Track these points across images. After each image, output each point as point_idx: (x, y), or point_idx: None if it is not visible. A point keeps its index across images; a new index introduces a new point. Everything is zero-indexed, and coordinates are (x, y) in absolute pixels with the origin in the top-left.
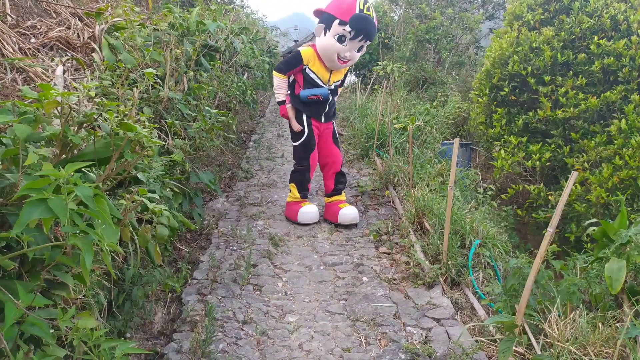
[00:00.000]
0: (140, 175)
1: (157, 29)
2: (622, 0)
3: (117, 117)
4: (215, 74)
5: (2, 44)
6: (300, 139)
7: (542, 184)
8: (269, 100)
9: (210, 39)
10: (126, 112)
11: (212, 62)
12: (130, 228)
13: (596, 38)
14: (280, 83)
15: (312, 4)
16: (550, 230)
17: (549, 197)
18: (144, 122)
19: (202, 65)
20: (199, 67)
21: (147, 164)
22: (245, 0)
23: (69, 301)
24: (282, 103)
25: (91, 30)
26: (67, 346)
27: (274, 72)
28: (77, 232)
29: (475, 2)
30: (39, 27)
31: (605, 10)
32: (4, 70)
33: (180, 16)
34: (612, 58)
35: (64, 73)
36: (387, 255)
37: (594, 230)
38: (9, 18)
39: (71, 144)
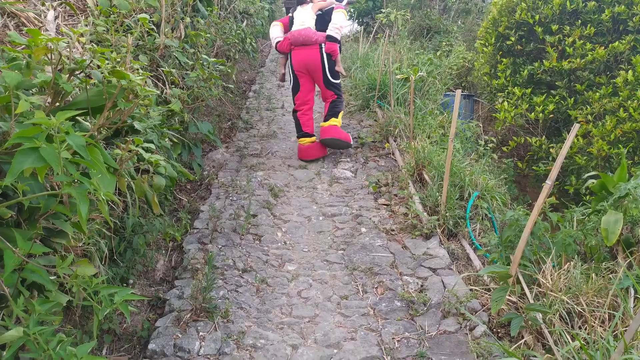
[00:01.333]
0: (137, 125)
1: None
2: None
3: (109, 64)
4: (213, 21)
5: None
6: None
7: (544, 137)
8: (270, 49)
9: None
10: (118, 59)
11: (209, 8)
12: (128, 178)
13: None
14: None
15: None
16: (548, 183)
17: (551, 150)
18: (138, 69)
19: (199, 11)
20: (196, 13)
21: (144, 113)
22: None
23: (69, 249)
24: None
25: None
26: (69, 293)
27: None
28: (74, 181)
29: None
30: None
31: None
32: None
33: None
34: (623, 6)
35: (55, 18)
36: (385, 206)
37: (593, 182)
38: None
39: (63, 92)
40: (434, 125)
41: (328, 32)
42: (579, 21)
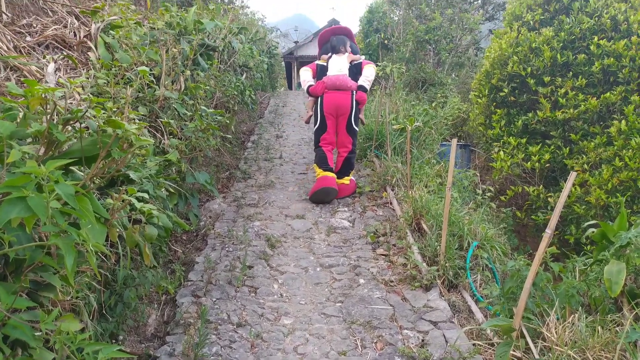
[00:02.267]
0: (132, 174)
1: (154, 28)
2: (623, 1)
3: (105, 114)
4: (213, 74)
5: None
6: None
7: (541, 186)
8: (269, 101)
9: (208, 38)
10: (114, 109)
11: (209, 62)
12: (120, 228)
13: (596, 38)
14: None
15: (313, 5)
16: (548, 232)
17: (549, 199)
18: (134, 119)
19: (200, 64)
20: (196, 66)
21: (141, 163)
22: (245, 1)
23: (56, 303)
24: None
25: (87, 29)
26: (54, 350)
27: None
28: (62, 232)
29: (475, 2)
30: (34, 25)
31: (605, 11)
32: None
33: (177, 15)
34: (612, 59)
35: (56, 71)
36: (384, 256)
37: (593, 232)
38: (4, 16)
39: (57, 142)
40: (431, 175)
41: (360, 82)
42: (570, 73)
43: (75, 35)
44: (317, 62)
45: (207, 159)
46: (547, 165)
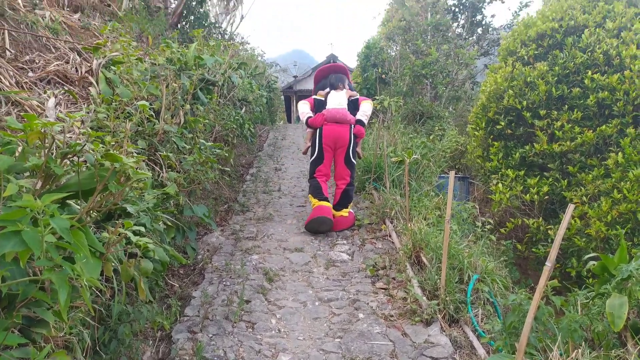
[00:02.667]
0: (129, 208)
1: (155, 64)
2: (614, 36)
3: (103, 147)
4: (212, 107)
5: None
6: None
7: (541, 218)
8: (268, 134)
9: (208, 73)
10: (112, 143)
11: (209, 96)
12: (116, 262)
13: (590, 73)
14: None
15: (312, 41)
16: (548, 265)
17: (549, 231)
18: (132, 153)
19: (199, 98)
20: (196, 100)
21: (138, 196)
22: (245, 37)
23: (49, 339)
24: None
25: (89, 65)
26: None
27: None
28: (56, 266)
29: (470, 39)
30: (37, 61)
31: (597, 46)
32: None
33: (178, 51)
34: (606, 92)
35: (56, 105)
36: (384, 290)
37: (594, 265)
38: (7, 53)
39: (55, 175)
40: (430, 207)
41: (358, 116)
42: (566, 106)
43: (77, 71)
44: (314, 96)
45: (205, 192)
46: (546, 197)
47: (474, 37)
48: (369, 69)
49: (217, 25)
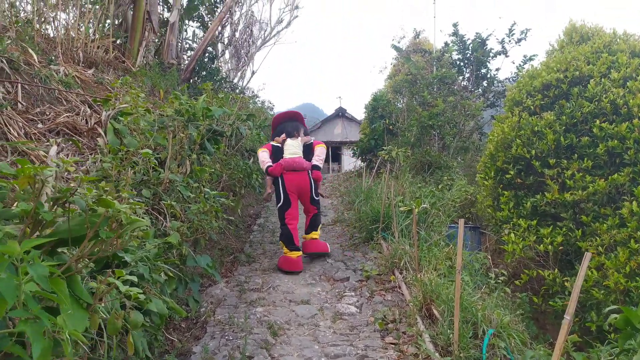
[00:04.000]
0: (127, 257)
1: (163, 115)
2: (620, 86)
3: (96, 192)
4: (219, 157)
5: (8, 128)
6: None
7: (556, 269)
8: None
9: (216, 124)
10: (106, 189)
11: (216, 146)
12: (106, 314)
13: (598, 122)
14: None
15: (321, 94)
16: (567, 318)
17: (565, 283)
18: (128, 198)
19: (207, 149)
20: (203, 150)
21: (138, 245)
22: (256, 91)
23: None
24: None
25: (98, 117)
26: None
27: None
28: (34, 317)
29: (476, 91)
30: (47, 113)
31: (604, 95)
32: (5, 153)
33: (187, 103)
34: (616, 141)
35: (58, 153)
36: (393, 345)
37: (616, 318)
38: (19, 105)
39: (44, 221)
40: (440, 257)
41: (314, 162)
42: (575, 155)
43: (87, 122)
44: (272, 142)
45: (211, 242)
46: (560, 248)
47: (480, 90)
48: (377, 121)
49: (228, 80)
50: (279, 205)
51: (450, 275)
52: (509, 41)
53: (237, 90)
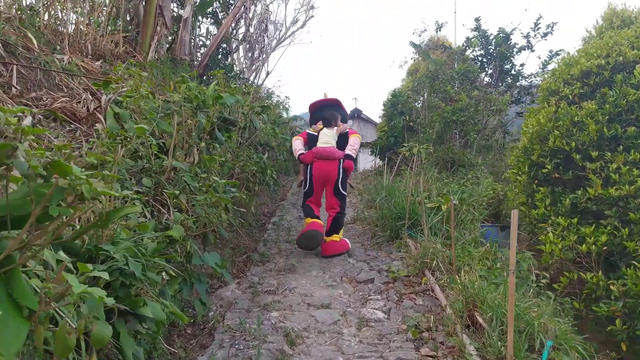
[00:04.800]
0: (111, 251)
1: (169, 101)
2: None
3: (50, 155)
4: (230, 147)
5: None
6: None
7: (600, 272)
8: (291, 185)
9: (229, 115)
10: (66, 150)
11: (227, 134)
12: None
13: None
14: None
15: (337, 95)
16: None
17: (611, 287)
18: (110, 178)
19: (217, 138)
20: (213, 140)
21: (130, 238)
22: (271, 89)
23: None
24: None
25: (98, 102)
26: None
27: None
28: None
29: (500, 87)
30: (44, 99)
31: None
32: None
33: (196, 88)
34: None
35: (33, 126)
36: (431, 358)
37: None
38: (13, 89)
39: None
40: (477, 257)
41: (347, 151)
42: (621, 147)
43: (88, 109)
44: (308, 130)
45: (222, 240)
46: (605, 248)
47: (503, 86)
48: (396, 117)
49: (242, 77)
50: (304, 190)
51: (492, 277)
52: (535, 35)
53: (255, 85)
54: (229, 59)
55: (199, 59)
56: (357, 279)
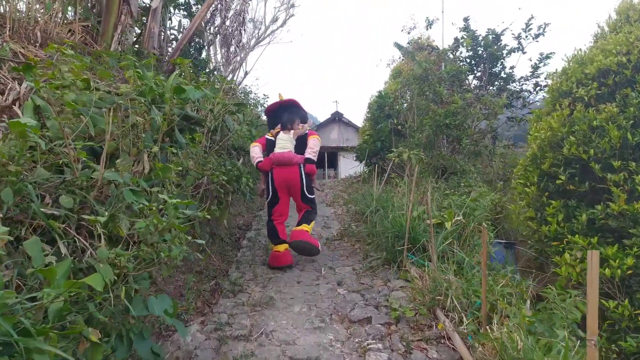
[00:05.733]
0: None
1: (117, 93)
2: None
3: None
4: (195, 152)
5: None
6: None
7: (626, 300)
8: None
9: (197, 112)
10: None
11: (190, 136)
12: None
13: None
14: None
15: (316, 99)
16: None
17: (639, 318)
18: None
19: (177, 141)
20: (174, 143)
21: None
22: (249, 87)
23: None
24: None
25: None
26: None
27: None
28: None
29: (490, 89)
30: None
31: None
32: None
33: (151, 79)
34: None
35: None
36: None
37: None
38: None
39: None
40: (498, 291)
41: (307, 155)
42: None
43: (6, 100)
44: (266, 136)
45: (188, 262)
46: (629, 272)
47: (494, 89)
48: (383, 120)
49: (219, 73)
50: (268, 200)
51: (533, 327)
52: (526, 37)
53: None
54: (205, 54)
55: (170, 54)
56: (351, 317)
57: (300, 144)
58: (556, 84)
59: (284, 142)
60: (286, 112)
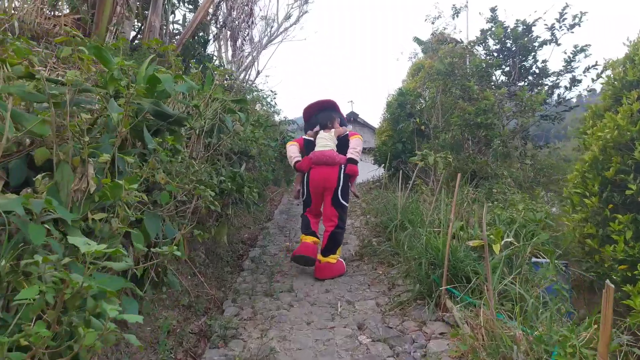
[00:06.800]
0: None
1: (61, 82)
2: None
3: None
4: (162, 159)
5: None
6: None
7: None
8: (281, 198)
9: (181, 111)
10: None
11: (170, 137)
12: None
13: None
14: None
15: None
16: None
17: None
18: None
19: (146, 146)
20: (144, 149)
21: None
22: (259, 86)
23: None
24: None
25: None
26: None
27: None
28: None
29: (520, 84)
30: None
31: None
32: None
33: (115, 66)
34: None
35: None
36: None
37: None
38: None
39: None
40: (576, 344)
41: (349, 155)
42: None
43: None
44: (304, 136)
45: (175, 293)
46: None
47: (525, 84)
48: (404, 120)
49: (225, 70)
50: (304, 198)
51: None
52: (560, 27)
53: (233, 79)
54: (211, 48)
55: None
56: None
57: (341, 144)
58: (619, 73)
59: (326, 141)
60: (323, 112)
